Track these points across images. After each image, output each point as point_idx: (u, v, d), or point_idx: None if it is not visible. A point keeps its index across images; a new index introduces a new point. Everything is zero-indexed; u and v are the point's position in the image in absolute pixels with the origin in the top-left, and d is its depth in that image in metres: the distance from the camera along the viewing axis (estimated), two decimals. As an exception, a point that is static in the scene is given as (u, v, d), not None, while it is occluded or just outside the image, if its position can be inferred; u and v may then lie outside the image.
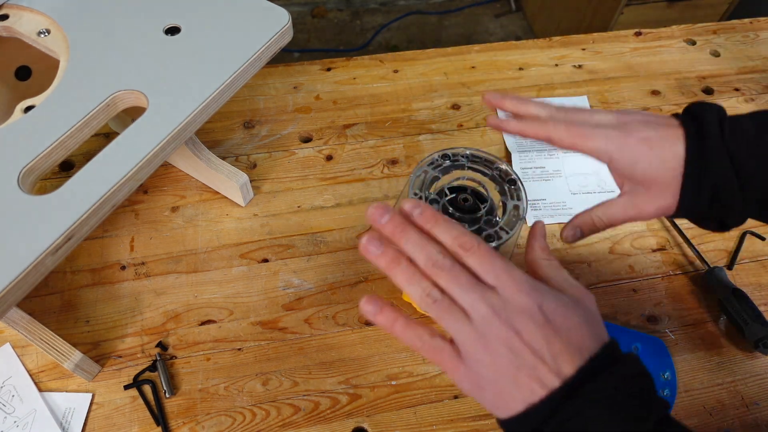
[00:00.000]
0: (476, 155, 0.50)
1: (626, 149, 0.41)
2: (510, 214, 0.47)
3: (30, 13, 0.57)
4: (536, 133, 0.43)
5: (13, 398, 0.56)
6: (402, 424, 0.57)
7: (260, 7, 0.58)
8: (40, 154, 0.47)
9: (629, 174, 0.41)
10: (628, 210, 0.42)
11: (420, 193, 0.47)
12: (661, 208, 0.41)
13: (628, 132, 0.41)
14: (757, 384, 0.60)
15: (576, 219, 0.44)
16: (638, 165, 0.41)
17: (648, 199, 0.41)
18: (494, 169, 0.49)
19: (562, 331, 0.33)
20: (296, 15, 2.21)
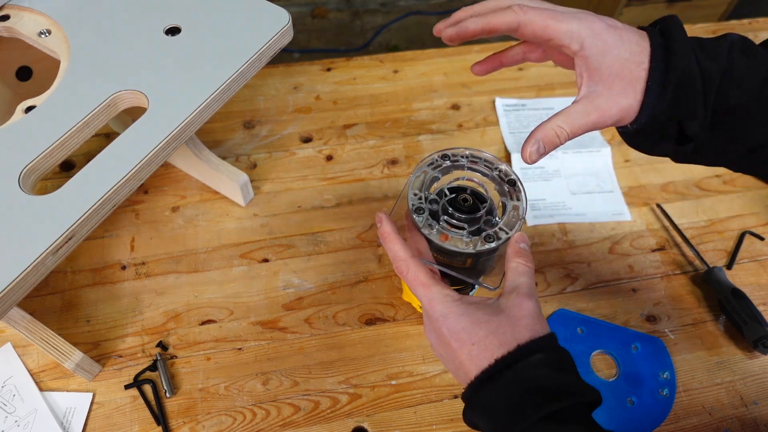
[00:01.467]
0: (476, 155, 0.50)
1: (598, 34, 0.38)
2: (509, 214, 0.47)
3: (31, 14, 0.57)
4: (502, 20, 0.40)
5: (14, 398, 0.57)
6: (402, 424, 0.57)
7: (260, 7, 0.58)
8: (41, 154, 0.47)
9: (596, 65, 0.39)
10: (590, 113, 0.39)
11: (420, 193, 0.47)
12: (623, 108, 0.39)
13: (598, 17, 0.39)
14: (756, 383, 0.60)
15: (535, 133, 0.41)
16: (608, 55, 0.38)
17: (609, 98, 0.39)
18: (494, 169, 0.49)
19: (466, 347, 0.38)
20: (296, 15, 2.21)
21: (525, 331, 0.38)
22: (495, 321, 0.38)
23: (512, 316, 0.39)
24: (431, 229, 0.45)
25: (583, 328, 0.62)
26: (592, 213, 0.72)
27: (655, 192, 0.74)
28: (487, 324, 0.38)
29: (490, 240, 0.45)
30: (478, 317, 0.39)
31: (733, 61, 0.38)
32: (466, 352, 0.38)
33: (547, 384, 0.36)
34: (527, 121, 0.82)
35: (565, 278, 0.67)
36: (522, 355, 0.37)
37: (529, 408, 0.35)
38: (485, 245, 0.44)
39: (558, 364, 0.37)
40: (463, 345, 0.38)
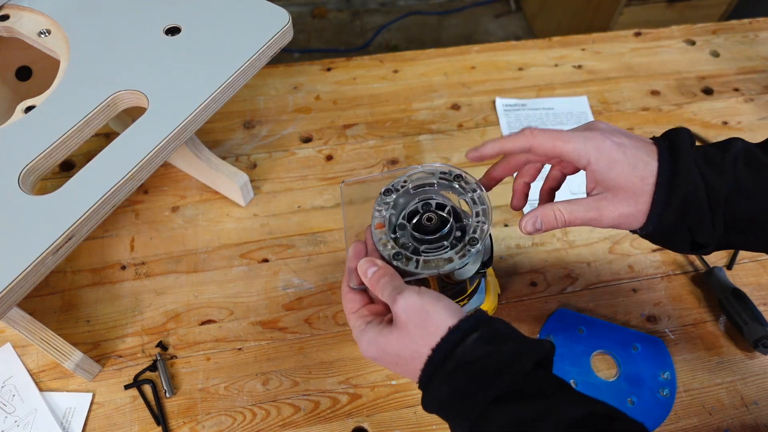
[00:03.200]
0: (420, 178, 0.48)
1: (603, 152, 0.42)
2: (474, 212, 0.45)
3: (31, 14, 0.57)
4: (516, 143, 0.44)
5: (13, 398, 0.57)
6: (402, 424, 0.57)
7: (260, 7, 0.58)
8: (41, 154, 0.47)
9: (603, 177, 0.42)
10: (590, 211, 0.43)
11: (385, 237, 0.45)
12: (622, 215, 0.42)
13: (605, 135, 0.42)
14: (756, 383, 0.60)
15: (538, 210, 0.44)
16: (613, 170, 0.41)
17: (611, 204, 0.42)
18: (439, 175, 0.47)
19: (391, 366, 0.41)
20: (296, 15, 2.21)
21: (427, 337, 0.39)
22: (396, 338, 0.40)
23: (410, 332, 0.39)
24: (417, 265, 0.43)
25: (583, 328, 0.62)
26: (592, 213, 0.72)
27: (655, 192, 0.74)
28: (390, 346, 0.40)
29: (474, 243, 0.44)
30: (381, 342, 0.40)
31: (738, 174, 0.40)
32: (396, 369, 0.41)
33: (488, 362, 0.36)
34: (527, 121, 0.82)
35: (565, 278, 0.67)
36: (455, 341, 0.37)
37: (479, 391, 0.36)
38: (471, 249, 0.43)
39: (493, 335, 0.38)
40: (389, 364, 0.41)
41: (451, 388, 0.37)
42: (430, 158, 0.77)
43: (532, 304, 0.65)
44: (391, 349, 0.40)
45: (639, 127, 0.81)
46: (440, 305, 0.39)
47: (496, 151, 0.46)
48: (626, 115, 0.82)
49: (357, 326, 0.42)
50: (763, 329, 0.59)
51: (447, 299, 0.40)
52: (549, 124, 0.81)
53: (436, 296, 0.40)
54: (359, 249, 0.45)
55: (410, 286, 0.41)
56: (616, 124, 0.84)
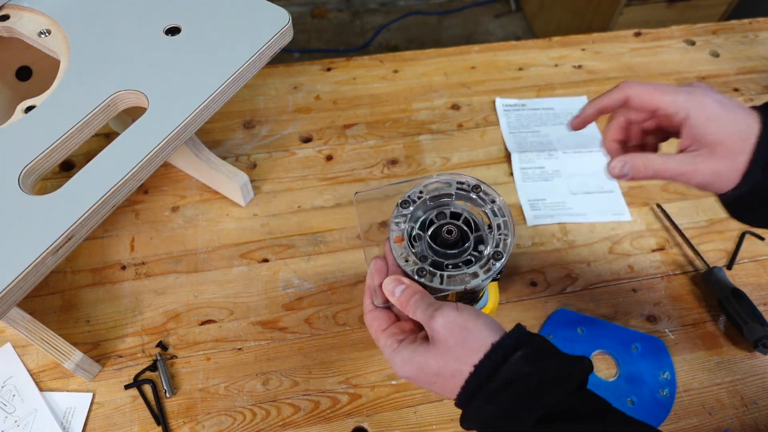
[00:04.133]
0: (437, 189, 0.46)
1: (704, 107, 0.40)
2: (495, 229, 0.45)
3: (31, 14, 0.57)
4: (612, 98, 0.44)
5: (13, 398, 0.57)
6: (402, 424, 0.57)
7: (260, 7, 0.58)
8: (41, 154, 0.47)
9: (701, 132, 0.40)
10: (683, 165, 0.41)
11: (406, 251, 0.44)
12: (716, 172, 0.40)
13: (705, 92, 0.41)
14: (756, 383, 0.60)
15: (628, 155, 0.43)
16: (712, 124, 0.40)
17: (707, 159, 0.40)
18: (460, 189, 0.46)
19: (427, 386, 0.40)
20: (296, 15, 2.21)
21: (469, 354, 0.38)
22: (434, 356, 0.39)
23: (446, 346, 0.39)
24: (441, 280, 0.43)
25: (583, 328, 0.62)
26: (592, 213, 0.72)
27: (655, 192, 0.74)
28: (427, 365, 0.39)
29: (498, 257, 0.43)
30: (417, 360, 0.39)
31: None
32: (436, 389, 0.39)
33: (532, 381, 0.36)
34: (527, 121, 0.82)
35: (565, 278, 0.67)
36: (498, 359, 0.37)
37: (523, 411, 0.35)
38: (495, 265, 0.43)
39: (536, 352, 0.37)
40: (429, 386, 0.40)
41: (496, 406, 0.36)
42: (430, 158, 0.77)
43: (532, 304, 0.65)
44: (430, 368, 0.39)
45: (639, 127, 0.81)
46: (481, 322, 0.38)
47: (595, 111, 0.46)
48: (626, 115, 0.82)
49: (389, 345, 0.41)
50: (763, 329, 0.59)
51: (486, 315, 0.40)
52: (549, 124, 0.81)
53: (476, 313, 0.39)
54: (380, 266, 0.44)
55: (447, 302, 0.40)
56: (616, 124, 0.83)
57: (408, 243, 0.44)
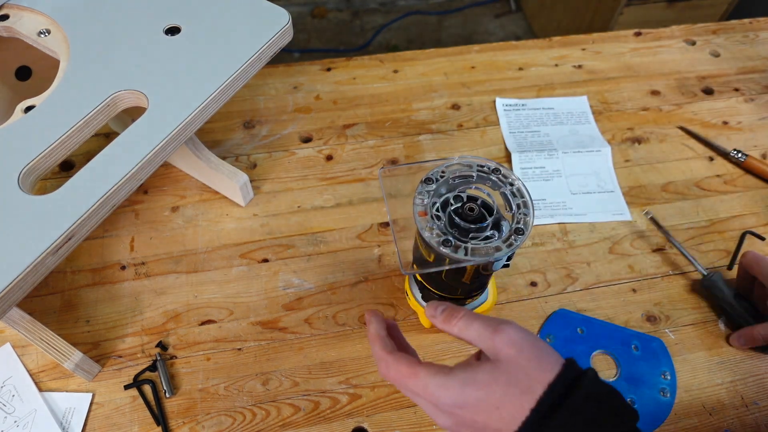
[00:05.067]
0: (458, 170, 0.49)
1: None
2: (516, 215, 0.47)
3: (30, 13, 0.57)
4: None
5: (13, 398, 0.56)
6: (402, 424, 0.57)
7: (260, 7, 0.58)
8: (41, 154, 0.47)
9: None
10: None
11: (430, 224, 0.45)
12: None
13: None
14: (756, 384, 0.60)
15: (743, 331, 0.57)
16: None
17: None
18: (480, 171, 0.49)
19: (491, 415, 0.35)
20: (296, 15, 2.21)
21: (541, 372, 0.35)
22: (502, 373, 0.36)
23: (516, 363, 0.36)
24: (466, 252, 0.44)
25: (583, 328, 0.62)
26: (592, 213, 0.72)
27: (655, 192, 0.74)
28: (496, 382, 0.35)
29: (520, 233, 0.45)
30: (481, 379, 0.36)
31: None
32: (496, 418, 0.35)
33: (614, 398, 0.35)
34: (527, 121, 0.82)
35: (565, 278, 0.67)
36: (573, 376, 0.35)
37: (610, 426, 0.33)
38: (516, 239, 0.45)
39: (601, 398, 0.35)
40: (490, 414, 0.35)
41: (585, 420, 0.33)
42: (429, 158, 0.77)
43: (532, 304, 0.65)
44: (498, 386, 0.35)
45: (639, 127, 0.81)
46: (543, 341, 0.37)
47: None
48: (626, 115, 0.82)
49: (438, 373, 0.37)
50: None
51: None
52: (549, 124, 0.81)
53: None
54: (376, 313, 0.44)
55: (508, 319, 0.38)
56: (616, 124, 0.84)
57: (431, 217, 0.46)
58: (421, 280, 0.56)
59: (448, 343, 0.62)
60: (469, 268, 0.48)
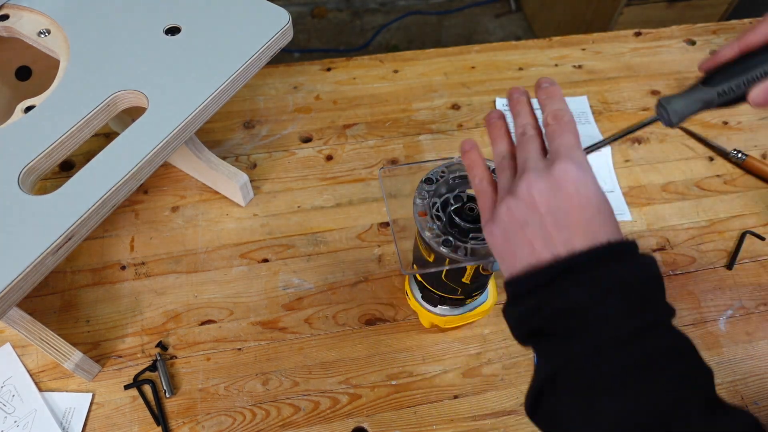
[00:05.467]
0: (459, 169, 0.49)
1: None
2: None
3: (30, 14, 0.57)
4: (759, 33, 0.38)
5: (13, 398, 0.56)
6: (402, 424, 0.57)
7: (260, 7, 0.58)
8: (41, 154, 0.47)
9: None
10: None
11: (431, 224, 0.46)
12: None
13: None
14: (756, 384, 0.60)
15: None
16: None
17: None
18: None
19: (587, 209, 0.33)
20: (296, 15, 2.21)
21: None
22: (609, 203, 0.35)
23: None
24: (465, 252, 0.44)
25: (584, 328, 0.62)
26: (593, 213, 0.72)
27: (655, 192, 0.74)
28: (609, 204, 0.35)
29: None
30: (604, 193, 0.35)
31: None
32: (588, 216, 0.33)
33: (661, 286, 0.35)
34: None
35: (565, 278, 0.67)
36: (636, 248, 0.34)
37: (661, 301, 0.34)
38: None
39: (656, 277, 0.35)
40: (588, 207, 0.34)
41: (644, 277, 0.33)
42: (430, 158, 0.77)
43: (532, 304, 0.65)
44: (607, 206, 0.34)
45: (639, 127, 0.81)
46: None
47: (737, 50, 0.39)
48: (626, 115, 0.82)
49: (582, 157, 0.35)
50: None
51: None
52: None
53: None
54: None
55: None
56: (616, 124, 0.84)
57: (431, 217, 0.46)
58: (421, 280, 0.56)
59: (448, 343, 0.62)
60: (469, 268, 0.48)
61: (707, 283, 0.66)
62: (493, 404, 0.58)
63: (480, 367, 0.60)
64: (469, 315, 0.58)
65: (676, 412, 0.30)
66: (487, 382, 0.59)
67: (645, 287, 0.33)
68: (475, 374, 0.60)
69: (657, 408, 0.30)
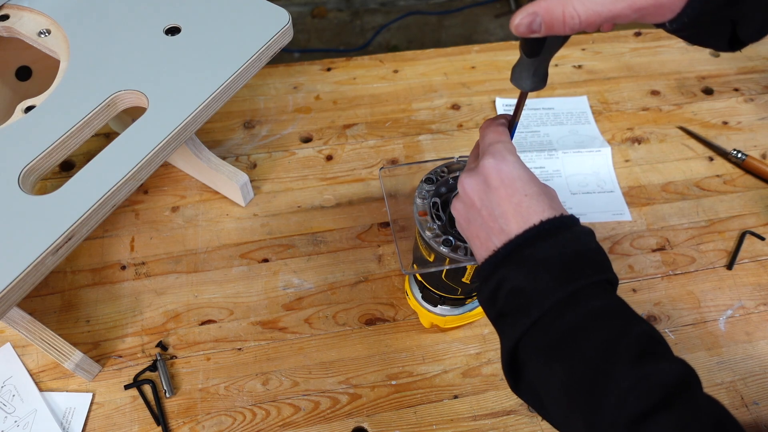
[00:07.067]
0: (459, 169, 0.49)
1: None
2: None
3: (30, 14, 0.57)
4: None
5: (13, 398, 0.56)
6: (402, 424, 0.57)
7: (260, 7, 0.58)
8: (41, 154, 0.47)
9: None
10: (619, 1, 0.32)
11: (432, 223, 0.46)
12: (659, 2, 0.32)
13: None
14: (756, 383, 0.60)
15: (538, 4, 0.33)
16: None
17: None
18: None
19: (515, 195, 0.37)
20: (296, 15, 2.21)
21: (561, 205, 0.38)
22: (543, 185, 0.38)
23: (550, 190, 0.39)
24: (465, 252, 0.45)
25: (583, 328, 0.62)
26: (592, 213, 0.72)
27: (655, 192, 0.74)
28: (538, 184, 0.38)
29: None
30: (531, 174, 0.38)
31: None
32: (515, 201, 0.37)
33: (596, 253, 0.36)
34: (527, 121, 0.82)
35: (565, 278, 0.67)
36: (572, 222, 0.37)
37: (587, 268, 0.35)
38: None
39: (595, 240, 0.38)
40: (514, 193, 0.37)
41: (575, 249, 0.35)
42: (430, 158, 0.77)
43: (532, 304, 0.65)
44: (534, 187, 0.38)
45: (639, 127, 0.81)
46: None
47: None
48: (626, 115, 0.82)
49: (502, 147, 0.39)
50: None
51: None
52: (549, 125, 0.81)
53: None
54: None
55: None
56: (616, 124, 0.84)
57: (431, 217, 0.47)
58: (421, 279, 0.56)
59: (448, 343, 0.62)
60: (469, 267, 0.48)
61: (707, 283, 0.66)
62: (493, 404, 0.58)
63: (480, 367, 0.60)
64: (469, 315, 0.58)
65: (604, 368, 0.32)
66: (487, 382, 0.59)
67: (571, 258, 0.36)
68: (475, 374, 0.60)
69: (589, 368, 0.32)
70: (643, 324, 0.35)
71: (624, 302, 0.37)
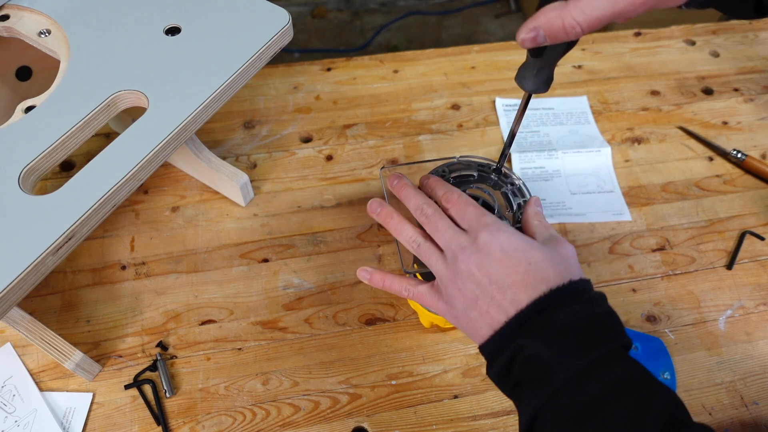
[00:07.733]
0: (459, 169, 0.50)
1: None
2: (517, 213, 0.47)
3: (31, 14, 0.57)
4: None
5: (13, 398, 0.57)
6: (402, 424, 0.57)
7: (260, 7, 0.58)
8: (41, 154, 0.47)
9: None
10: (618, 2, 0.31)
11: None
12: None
13: None
14: (756, 383, 0.60)
15: (538, 18, 0.33)
16: None
17: None
18: (481, 170, 0.49)
19: (519, 265, 0.37)
20: (296, 15, 2.21)
21: (576, 269, 0.37)
22: (548, 250, 0.37)
23: (560, 253, 0.38)
24: None
25: (583, 328, 0.62)
26: (592, 213, 0.72)
27: (655, 192, 0.74)
28: (540, 249, 0.37)
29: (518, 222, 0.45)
30: (530, 241, 0.38)
31: None
32: (522, 271, 0.36)
33: (609, 317, 0.36)
34: (527, 121, 0.82)
35: (565, 278, 0.67)
36: (582, 287, 0.36)
37: (603, 335, 0.35)
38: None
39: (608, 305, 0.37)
40: (519, 263, 0.36)
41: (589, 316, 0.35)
42: (430, 158, 0.77)
43: (532, 304, 0.65)
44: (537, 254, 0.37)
45: (639, 127, 0.81)
46: None
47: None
48: (626, 115, 0.82)
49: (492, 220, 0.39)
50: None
51: None
52: (549, 125, 0.81)
53: None
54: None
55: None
56: (616, 124, 0.84)
57: None
58: (422, 279, 0.56)
59: (448, 343, 0.62)
60: None
61: (707, 283, 0.66)
62: (493, 404, 0.58)
63: (480, 367, 0.60)
64: (469, 315, 0.58)
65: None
66: (487, 382, 0.59)
67: (587, 326, 0.35)
68: (475, 374, 0.60)
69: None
70: (665, 391, 0.34)
71: (643, 368, 0.36)
